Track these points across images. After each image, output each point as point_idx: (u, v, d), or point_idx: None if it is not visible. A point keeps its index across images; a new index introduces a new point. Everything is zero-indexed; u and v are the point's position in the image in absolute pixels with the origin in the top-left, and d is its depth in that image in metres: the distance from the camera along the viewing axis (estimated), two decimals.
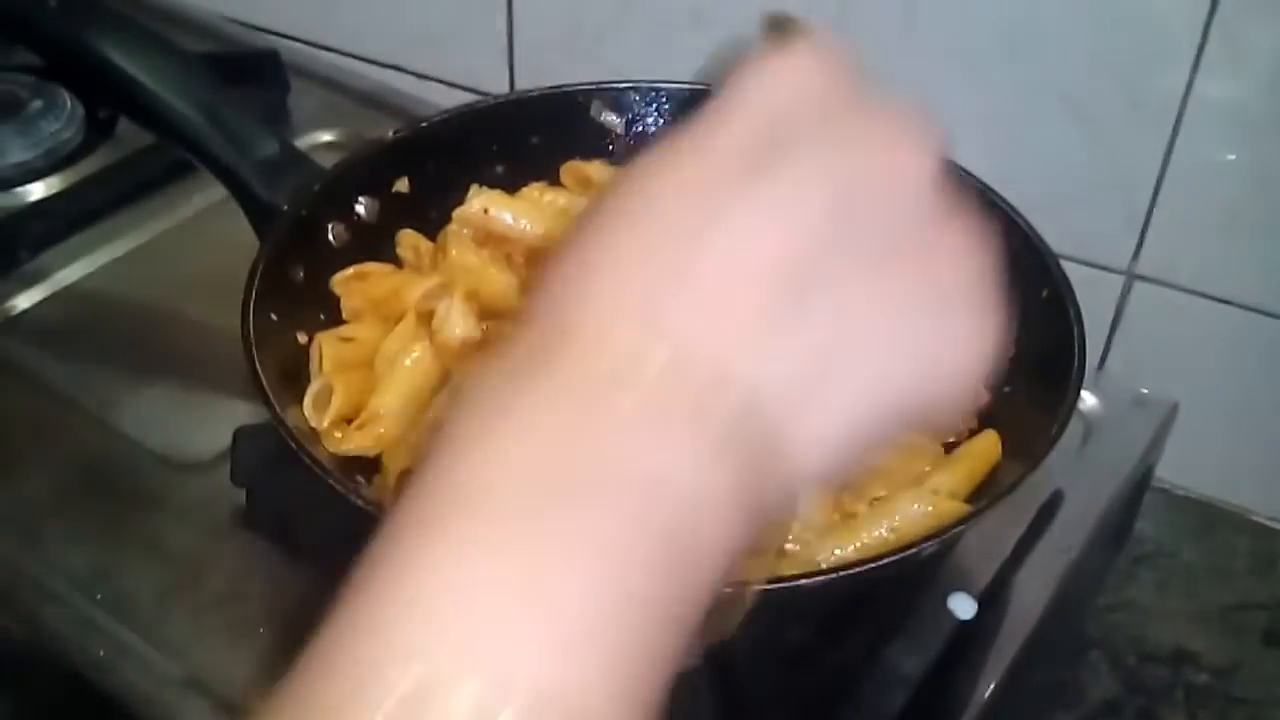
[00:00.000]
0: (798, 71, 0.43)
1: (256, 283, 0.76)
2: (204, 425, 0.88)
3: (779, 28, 0.45)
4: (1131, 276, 0.98)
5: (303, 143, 1.10)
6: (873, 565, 0.64)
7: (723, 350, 0.38)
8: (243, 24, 1.28)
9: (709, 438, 0.37)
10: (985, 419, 0.79)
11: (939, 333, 0.42)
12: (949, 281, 0.42)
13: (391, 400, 0.76)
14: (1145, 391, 0.91)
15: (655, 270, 0.39)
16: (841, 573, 0.64)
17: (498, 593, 0.34)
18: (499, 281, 0.82)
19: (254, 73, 1.18)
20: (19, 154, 1.10)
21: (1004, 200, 0.82)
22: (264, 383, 0.71)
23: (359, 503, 0.67)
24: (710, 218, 0.39)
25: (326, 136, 1.15)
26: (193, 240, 1.06)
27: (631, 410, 0.36)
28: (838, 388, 0.39)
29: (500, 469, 0.36)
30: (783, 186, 0.40)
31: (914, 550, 0.64)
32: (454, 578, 0.34)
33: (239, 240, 0.83)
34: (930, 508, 0.71)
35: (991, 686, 0.73)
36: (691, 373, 0.37)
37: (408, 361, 0.78)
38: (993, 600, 0.77)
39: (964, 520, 0.68)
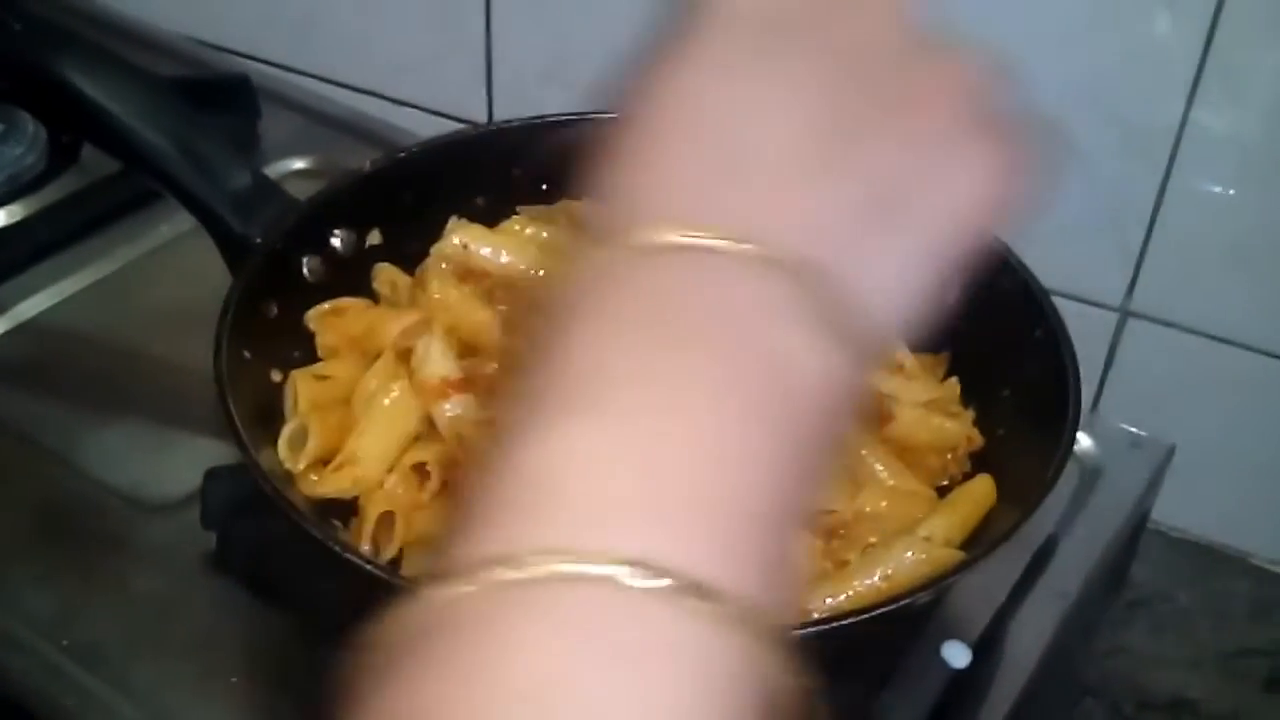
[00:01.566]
0: None
1: (229, 319, 0.77)
2: (172, 465, 0.89)
3: None
4: (1125, 314, 1.00)
5: (274, 170, 1.10)
6: (866, 616, 0.65)
7: (783, 222, 0.40)
8: (213, 47, 1.29)
9: (790, 304, 0.38)
10: (979, 462, 0.80)
11: (968, 160, 0.44)
12: (959, 114, 0.44)
13: (369, 441, 0.77)
14: (1142, 434, 0.92)
15: (696, 165, 0.41)
16: (834, 623, 0.65)
17: (624, 474, 0.35)
18: (479, 318, 0.83)
19: (224, 98, 1.18)
20: None
21: (997, 237, 0.83)
22: (237, 424, 0.72)
23: (335, 548, 0.67)
24: (731, 103, 0.42)
25: (299, 164, 1.15)
26: (161, 271, 1.06)
27: (716, 298, 0.38)
28: (895, 228, 0.42)
29: (606, 358, 0.38)
30: (790, 59, 0.42)
31: (907, 601, 0.65)
32: (576, 458, 0.35)
33: (209, 271, 0.83)
34: (924, 555, 0.72)
35: None
36: (760, 255, 0.39)
37: (386, 401, 0.78)
38: (988, 648, 0.78)
39: (958, 569, 0.69)
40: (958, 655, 0.77)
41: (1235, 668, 0.96)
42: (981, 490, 0.77)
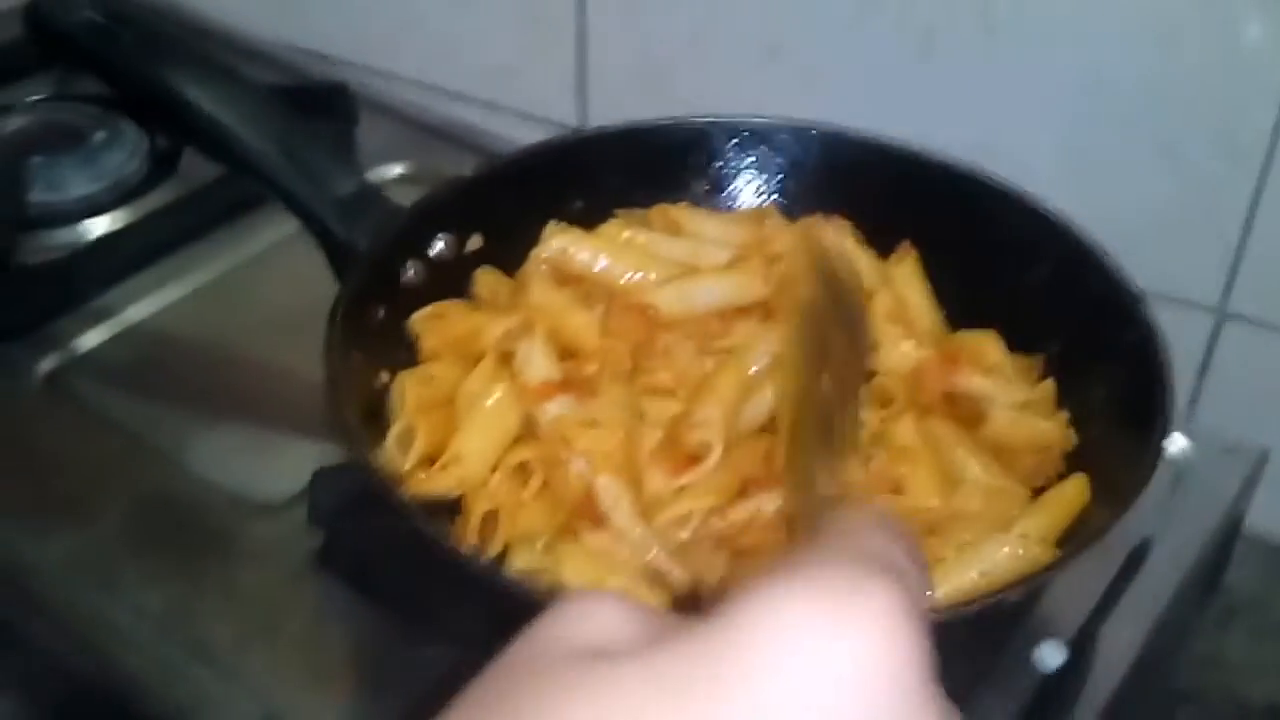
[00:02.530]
0: (866, 651, 0.37)
1: (339, 322, 0.81)
2: (277, 466, 0.93)
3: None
4: (1222, 315, 1.02)
5: (371, 176, 1.14)
6: (962, 611, 0.68)
7: None
8: (309, 52, 1.34)
9: None
10: (1073, 462, 0.83)
11: None
12: None
13: (473, 442, 0.81)
14: (1235, 437, 0.95)
15: None
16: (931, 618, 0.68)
17: None
18: (579, 320, 0.87)
19: (323, 105, 1.23)
20: (82, 186, 1.16)
21: (1090, 238, 0.86)
22: (349, 424, 0.76)
23: (446, 545, 0.71)
24: None
25: (395, 170, 1.20)
26: (261, 276, 1.11)
27: None
28: None
29: None
30: None
31: (1001, 596, 0.69)
32: None
33: (308, 277, 0.88)
34: (1019, 553, 0.75)
35: None
36: None
37: (489, 403, 0.82)
38: (1081, 650, 0.81)
39: (1053, 566, 0.72)
40: (1052, 656, 0.80)
41: None
42: (1075, 490, 0.80)
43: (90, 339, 1.06)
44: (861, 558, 0.39)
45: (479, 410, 0.82)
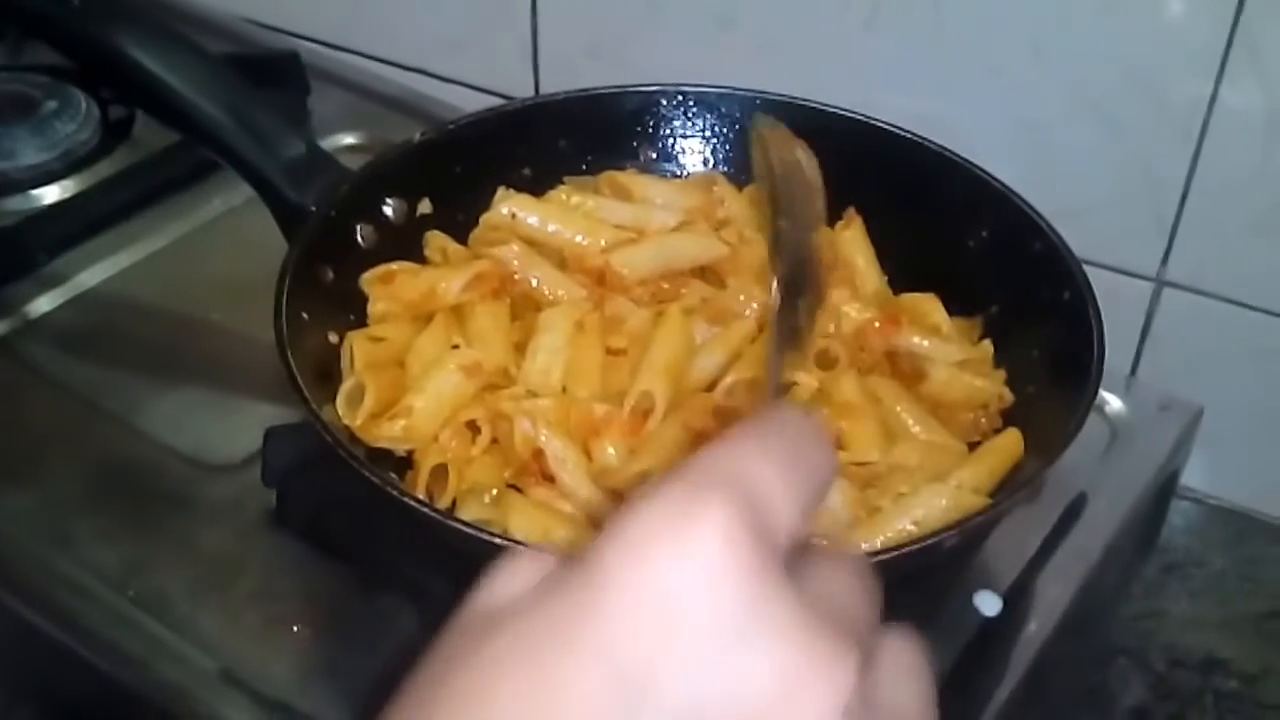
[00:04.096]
0: (705, 561, 0.37)
1: (288, 281, 0.84)
2: (231, 428, 0.96)
3: None
4: (1161, 283, 1.06)
5: (324, 145, 1.16)
6: (895, 554, 0.72)
7: None
8: (262, 25, 1.36)
9: None
10: (1010, 419, 0.87)
11: None
12: None
13: (425, 398, 0.84)
14: (1171, 396, 0.98)
15: None
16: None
17: None
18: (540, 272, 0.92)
19: (274, 75, 1.25)
20: (34, 155, 1.18)
21: (1026, 203, 0.90)
22: (299, 380, 0.79)
23: (393, 492, 0.74)
24: None
25: (348, 139, 1.23)
26: (212, 244, 1.14)
27: None
28: None
29: None
30: None
31: (934, 541, 0.72)
32: None
33: (258, 243, 0.91)
34: (953, 502, 0.79)
35: (1015, 682, 0.81)
36: None
37: (442, 369, 0.85)
38: (1017, 598, 0.85)
39: (984, 512, 0.76)
40: (989, 604, 0.84)
41: (1267, 629, 1.02)
42: (1009, 443, 0.84)
43: (43, 304, 1.08)
44: (703, 475, 0.39)
45: (432, 365, 0.85)
